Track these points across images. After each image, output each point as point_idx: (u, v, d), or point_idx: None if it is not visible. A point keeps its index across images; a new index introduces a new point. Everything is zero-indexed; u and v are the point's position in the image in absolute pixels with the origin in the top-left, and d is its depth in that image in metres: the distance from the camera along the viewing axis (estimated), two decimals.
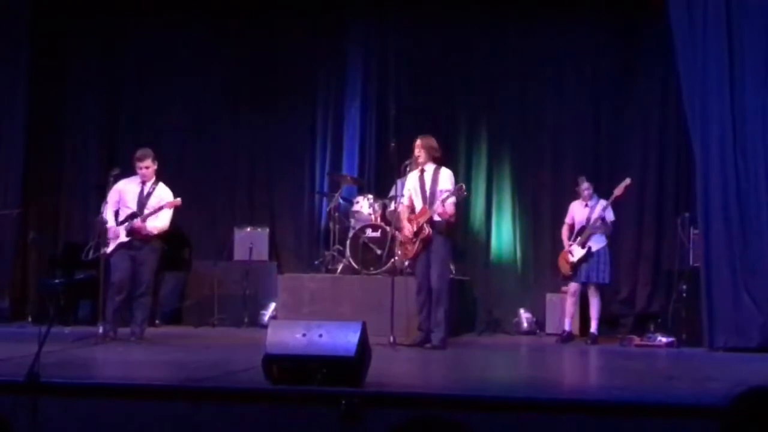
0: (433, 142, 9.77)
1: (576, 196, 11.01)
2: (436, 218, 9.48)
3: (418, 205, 9.66)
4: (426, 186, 9.65)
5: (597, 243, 10.69)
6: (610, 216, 10.74)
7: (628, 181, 10.70)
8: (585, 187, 10.88)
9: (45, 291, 11.67)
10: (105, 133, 13.07)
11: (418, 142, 9.73)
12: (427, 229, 9.45)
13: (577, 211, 10.93)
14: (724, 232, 9.68)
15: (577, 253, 10.69)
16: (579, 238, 10.73)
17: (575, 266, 10.73)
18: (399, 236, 10.11)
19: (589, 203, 10.84)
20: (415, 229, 9.54)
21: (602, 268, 10.68)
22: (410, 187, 9.77)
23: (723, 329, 9.62)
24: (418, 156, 9.67)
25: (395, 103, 12.68)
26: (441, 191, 9.51)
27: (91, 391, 5.98)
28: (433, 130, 10.61)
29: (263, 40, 12.88)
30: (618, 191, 10.66)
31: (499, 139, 12.56)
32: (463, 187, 9.67)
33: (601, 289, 10.82)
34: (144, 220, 9.65)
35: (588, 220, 10.73)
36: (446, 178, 9.66)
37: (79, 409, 5.76)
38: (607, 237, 10.78)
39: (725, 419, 1.90)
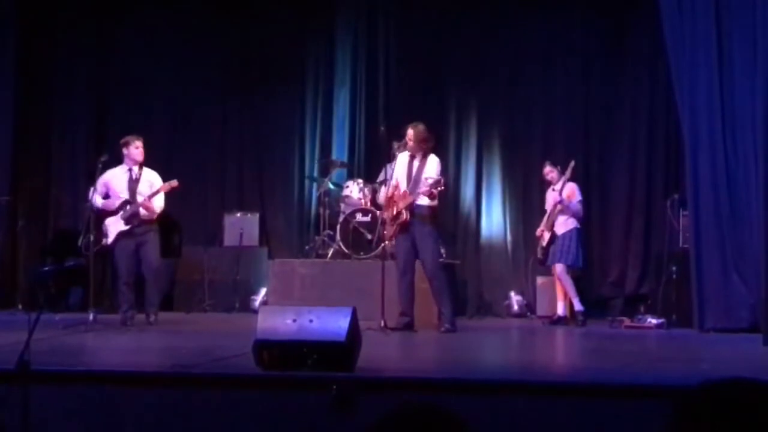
0: (422, 132, 9.64)
1: (548, 182, 11.04)
2: (418, 202, 9.48)
3: (402, 188, 9.65)
4: (413, 172, 9.64)
5: (563, 226, 10.73)
6: (572, 197, 10.74)
7: (572, 163, 10.77)
8: (546, 171, 10.95)
9: (35, 278, 11.64)
10: (93, 119, 13.01)
11: (409, 132, 9.66)
12: (405, 215, 9.46)
13: (548, 197, 10.99)
14: (714, 214, 9.70)
15: (546, 237, 10.77)
16: (547, 222, 10.80)
17: (545, 251, 10.79)
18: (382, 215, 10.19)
19: (556, 187, 10.87)
20: (394, 212, 9.55)
21: (567, 251, 10.66)
22: (398, 171, 9.77)
23: (713, 310, 9.65)
24: (407, 145, 9.67)
25: (384, 87, 12.69)
26: (425, 179, 9.50)
27: (82, 378, 5.97)
28: (423, 113, 10.61)
29: (251, 25, 12.86)
30: (567, 174, 10.74)
31: (489, 122, 12.56)
32: (442, 181, 9.61)
33: (575, 271, 10.80)
34: (149, 200, 9.84)
35: (554, 204, 10.79)
36: (432, 166, 9.62)
37: (70, 397, 5.75)
38: (578, 219, 10.77)
39: (681, 408, 1.89)
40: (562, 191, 10.72)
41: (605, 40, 12.25)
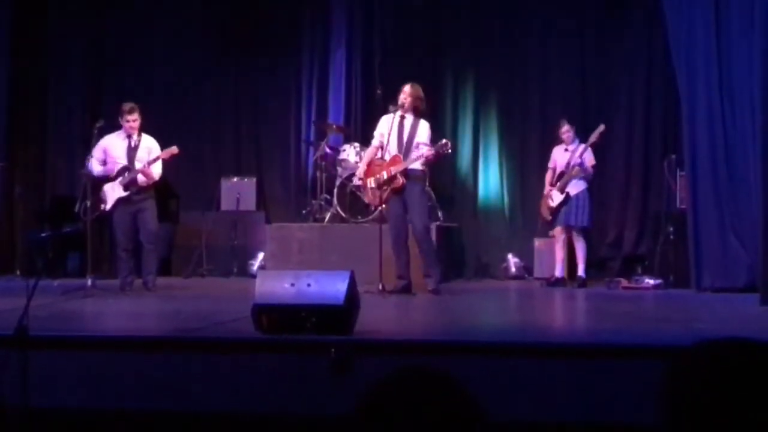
0: (420, 92, 9.63)
1: (559, 140, 11.01)
2: (412, 167, 9.43)
3: (393, 151, 9.60)
4: (404, 135, 9.55)
5: (575, 187, 10.69)
6: (588, 161, 10.73)
7: (602, 127, 10.66)
8: (564, 130, 10.86)
9: (32, 244, 11.65)
10: (89, 85, 12.98)
11: (407, 88, 9.59)
12: (401, 180, 9.41)
13: (559, 156, 10.94)
14: (711, 174, 9.70)
15: (557, 198, 10.72)
16: (559, 182, 10.75)
17: (555, 211, 10.76)
18: (359, 176, 10.03)
19: (569, 147, 10.84)
20: (386, 176, 9.50)
21: (580, 212, 10.66)
22: (385, 131, 9.65)
23: (710, 270, 9.67)
24: (404, 102, 9.61)
25: (381, 50, 12.62)
26: (418, 144, 9.46)
27: (81, 343, 5.99)
28: (419, 76, 10.56)
29: None
30: (593, 138, 10.65)
31: (486, 85, 12.52)
32: (449, 144, 9.58)
33: (585, 232, 10.83)
34: (148, 166, 9.77)
35: (568, 164, 10.73)
36: (424, 131, 9.56)
37: (69, 362, 5.77)
38: (588, 181, 10.78)
39: (676, 367, 1.89)
40: (584, 154, 10.66)
41: (603, 1, 12.17)
